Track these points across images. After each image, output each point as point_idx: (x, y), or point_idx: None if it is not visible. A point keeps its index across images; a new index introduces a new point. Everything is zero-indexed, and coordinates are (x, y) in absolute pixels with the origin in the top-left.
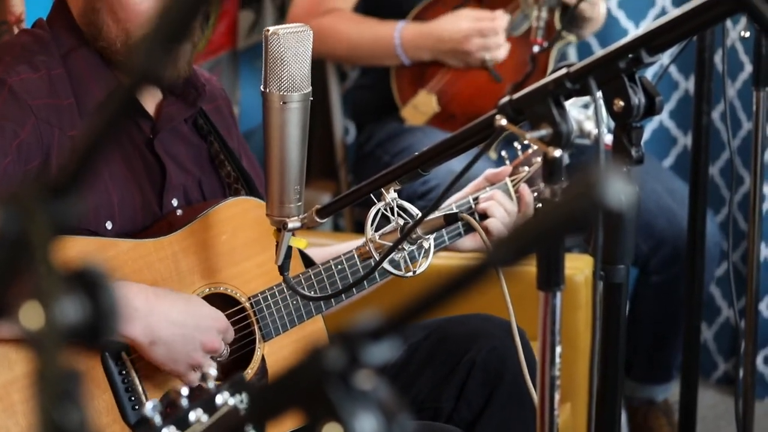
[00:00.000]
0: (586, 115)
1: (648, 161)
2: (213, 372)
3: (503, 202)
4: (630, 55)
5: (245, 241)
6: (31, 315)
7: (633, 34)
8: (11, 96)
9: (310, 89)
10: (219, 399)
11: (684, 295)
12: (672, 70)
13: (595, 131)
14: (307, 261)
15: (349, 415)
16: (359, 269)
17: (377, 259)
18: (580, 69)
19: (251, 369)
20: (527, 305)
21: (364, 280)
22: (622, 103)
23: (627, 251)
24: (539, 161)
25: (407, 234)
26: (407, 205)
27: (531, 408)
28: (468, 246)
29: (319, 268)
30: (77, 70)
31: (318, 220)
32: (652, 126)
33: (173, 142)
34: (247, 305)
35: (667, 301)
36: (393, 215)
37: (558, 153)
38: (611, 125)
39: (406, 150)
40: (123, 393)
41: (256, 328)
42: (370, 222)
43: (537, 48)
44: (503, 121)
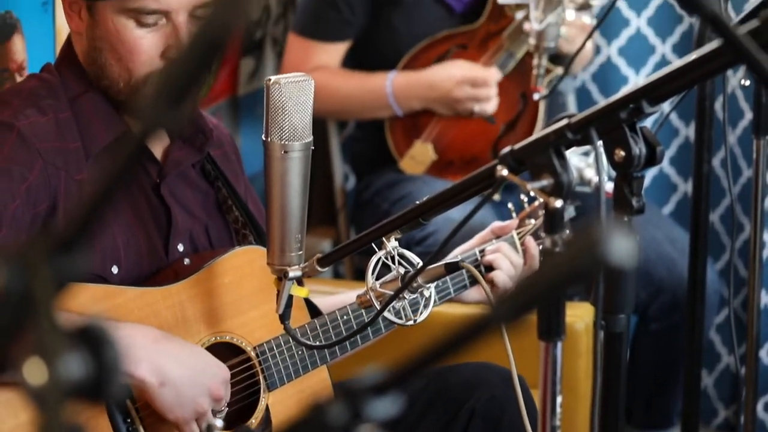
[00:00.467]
0: (587, 163)
1: (648, 209)
2: (219, 423)
3: (509, 254)
4: (631, 106)
5: (251, 291)
6: (35, 371)
7: (634, 84)
8: (20, 139)
9: (311, 138)
10: None
11: (684, 342)
12: (672, 117)
13: (596, 179)
14: (314, 310)
15: None
16: (365, 320)
17: (378, 309)
18: (581, 120)
19: (255, 419)
20: (527, 351)
21: (364, 330)
22: (623, 153)
23: (628, 301)
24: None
25: (408, 283)
26: (408, 254)
27: None
28: (473, 298)
29: (325, 318)
30: (84, 114)
31: (319, 269)
32: (652, 173)
33: (180, 186)
34: (253, 354)
35: (667, 348)
36: (394, 264)
37: (559, 203)
38: (612, 173)
39: (405, 198)
40: None
41: (261, 377)
42: (371, 271)
43: (537, 95)
44: (504, 172)
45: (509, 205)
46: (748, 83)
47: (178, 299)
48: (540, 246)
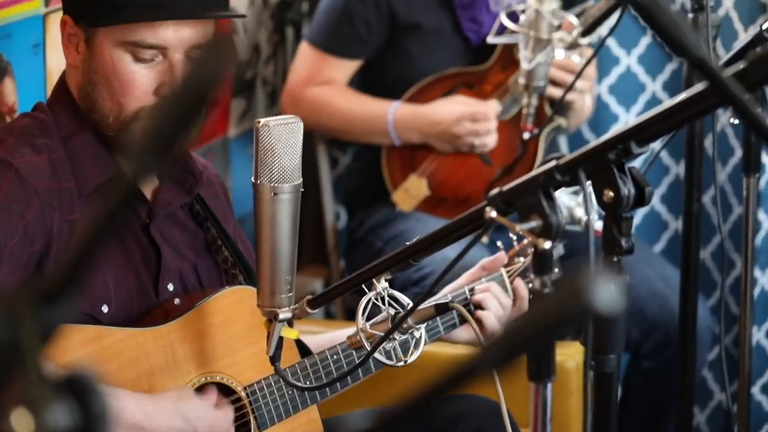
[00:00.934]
0: (577, 202)
1: (639, 247)
2: None
3: (498, 295)
4: (619, 147)
5: (241, 331)
6: (22, 421)
7: (623, 124)
8: (17, 178)
9: (300, 180)
10: None
11: (676, 379)
12: (663, 154)
13: (587, 217)
14: (303, 349)
15: None
16: (354, 359)
17: (368, 349)
18: (569, 161)
19: None
20: (518, 389)
21: (355, 371)
22: (611, 194)
23: (617, 342)
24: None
25: (398, 324)
26: (398, 295)
27: None
28: (463, 338)
29: (315, 358)
30: (77, 153)
31: (309, 311)
32: (643, 210)
33: (169, 227)
34: (243, 395)
35: (660, 386)
36: (384, 304)
37: (548, 245)
38: (602, 212)
39: (399, 236)
40: None
41: (251, 417)
42: (361, 312)
43: (527, 134)
44: (493, 213)
45: (498, 243)
46: (737, 121)
47: (168, 340)
48: (530, 285)
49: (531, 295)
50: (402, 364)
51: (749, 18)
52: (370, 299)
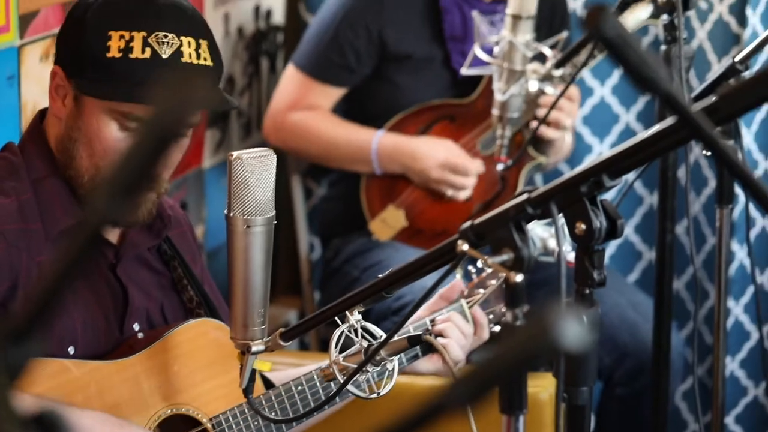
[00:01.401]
0: (550, 233)
1: (611, 274)
2: None
3: (459, 324)
4: (592, 180)
5: (206, 363)
6: None
7: (595, 158)
8: None
9: (273, 213)
10: None
11: (650, 409)
12: (637, 185)
13: (560, 248)
14: (266, 381)
15: None
16: (319, 389)
17: (341, 381)
18: (541, 194)
19: None
20: (489, 420)
21: (328, 402)
22: (583, 227)
23: (590, 374)
24: (494, 284)
25: (371, 356)
26: (371, 327)
27: None
28: (426, 368)
29: (280, 389)
30: (46, 196)
31: (282, 343)
32: (617, 240)
33: (136, 267)
34: (209, 426)
35: (633, 414)
36: (357, 336)
37: (519, 278)
38: (575, 244)
39: (377, 265)
40: None
41: None
42: (334, 344)
43: (501, 166)
44: (465, 246)
45: (456, 275)
46: (710, 153)
47: (133, 372)
48: (490, 315)
49: (503, 329)
50: (375, 396)
51: (723, 49)
52: (343, 331)
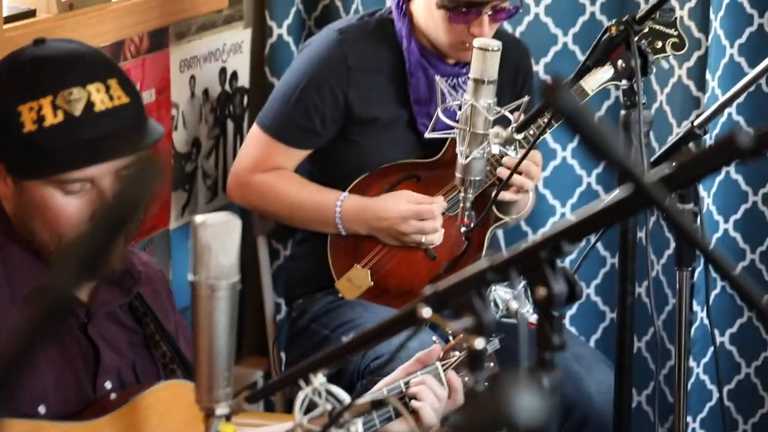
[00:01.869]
0: (512, 295)
1: None
2: None
3: (434, 387)
4: (551, 246)
5: (176, 425)
6: None
7: (553, 226)
8: None
9: (238, 277)
10: None
11: None
12: (599, 246)
13: (522, 310)
14: None
15: None
16: None
17: None
18: (502, 262)
19: None
20: None
21: None
22: (543, 292)
23: None
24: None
25: (335, 419)
26: (335, 390)
27: None
28: (400, 430)
29: None
30: (10, 259)
31: (246, 406)
32: (579, 300)
33: (108, 325)
34: None
35: None
36: (321, 399)
37: (480, 344)
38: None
39: (347, 324)
40: None
41: None
42: (298, 407)
43: (464, 228)
44: (426, 311)
45: (433, 338)
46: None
47: None
48: (465, 378)
49: (466, 393)
50: None
51: (682, 112)
52: (307, 394)
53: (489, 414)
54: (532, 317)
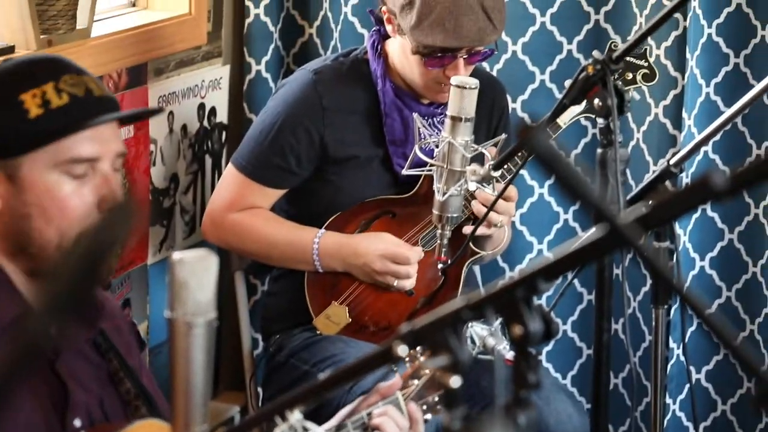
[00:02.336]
0: (489, 331)
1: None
2: None
3: (395, 417)
4: (527, 285)
5: None
6: None
7: (529, 265)
8: None
9: (215, 314)
10: None
11: None
12: (576, 282)
13: (499, 347)
14: None
15: None
16: None
17: None
18: (478, 301)
19: None
20: None
21: None
22: (519, 331)
23: None
24: (428, 373)
25: None
26: (311, 426)
27: None
28: None
29: None
30: None
31: None
32: (555, 338)
33: (75, 362)
34: None
35: None
36: None
37: (456, 382)
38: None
39: (328, 359)
40: None
41: None
42: None
43: (441, 265)
44: (402, 349)
45: (394, 368)
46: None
47: None
48: (424, 406)
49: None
50: None
51: (659, 150)
52: (283, 431)
53: None
54: (508, 354)
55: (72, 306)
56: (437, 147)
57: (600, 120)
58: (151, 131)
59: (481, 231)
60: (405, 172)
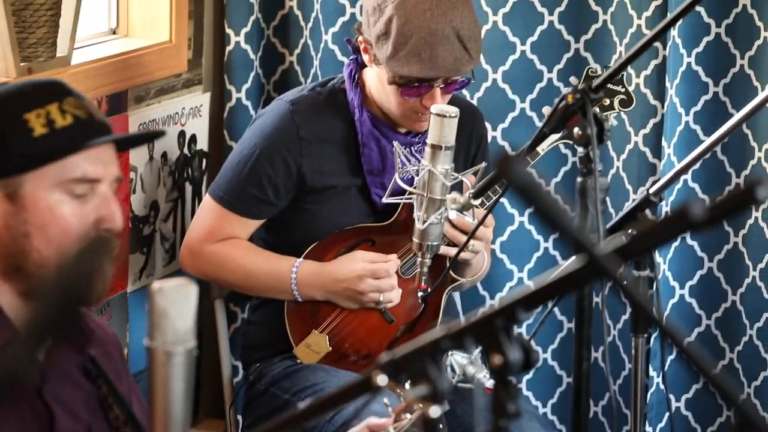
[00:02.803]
0: (469, 360)
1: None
2: None
3: None
4: (506, 314)
5: None
6: None
7: (508, 295)
8: None
9: (194, 343)
10: None
11: None
12: (555, 310)
13: (479, 375)
14: None
15: None
16: None
17: None
18: (458, 330)
19: None
20: None
21: None
22: (499, 360)
23: None
24: (421, 407)
25: None
26: None
27: None
28: None
29: None
30: None
31: None
32: (534, 367)
33: (63, 387)
34: None
35: None
36: None
37: (435, 412)
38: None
39: (309, 388)
40: None
41: None
42: None
43: (421, 293)
44: (382, 379)
45: (385, 400)
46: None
47: None
48: None
49: None
50: None
51: (639, 179)
52: None
53: None
54: (488, 382)
55: (54, 330)
56: (417, 175)
57: (580, 149)
58: (132, 159)
59: (464, 256)
60: (385, 200)
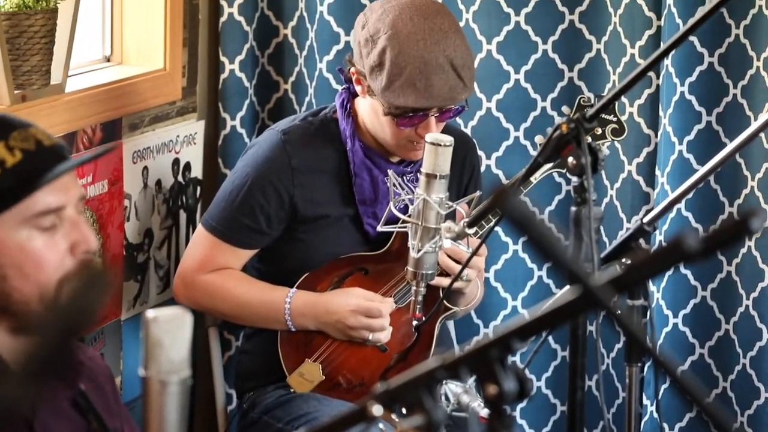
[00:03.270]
0: (463, 389)
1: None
2: None
3: None
4: (501, 345)
5: None
6: None
7: (504, 325)
8: None
9: (189, 372)
10: None
11: None
12: (549, 339)
13: (474, 404)
14: None
15: None
16: None
17: None
18: (453, 361)
19: None
20: None
21: None
22: (494, 390)
23: None
24: None
25: None
26: None
27: None
28: None
29: None
30: None
31: None
32: (529, 397)
33: (53, 421)
34: None
35: None
36: None
37: None
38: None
39: (302, 417)
40: None
41: None
42: None
43: (416, 322)
44: (377, 409)
45: (380, 426)
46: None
47: None
48: None
49: None
50: None
51: (632, 208)
52: None
53: None
54: (483, 411)
55: (53, 364)
56: (411, 204)
57: (574, 178)
58: (126, 186)
59: (447, 283)
60: (379, 228)
